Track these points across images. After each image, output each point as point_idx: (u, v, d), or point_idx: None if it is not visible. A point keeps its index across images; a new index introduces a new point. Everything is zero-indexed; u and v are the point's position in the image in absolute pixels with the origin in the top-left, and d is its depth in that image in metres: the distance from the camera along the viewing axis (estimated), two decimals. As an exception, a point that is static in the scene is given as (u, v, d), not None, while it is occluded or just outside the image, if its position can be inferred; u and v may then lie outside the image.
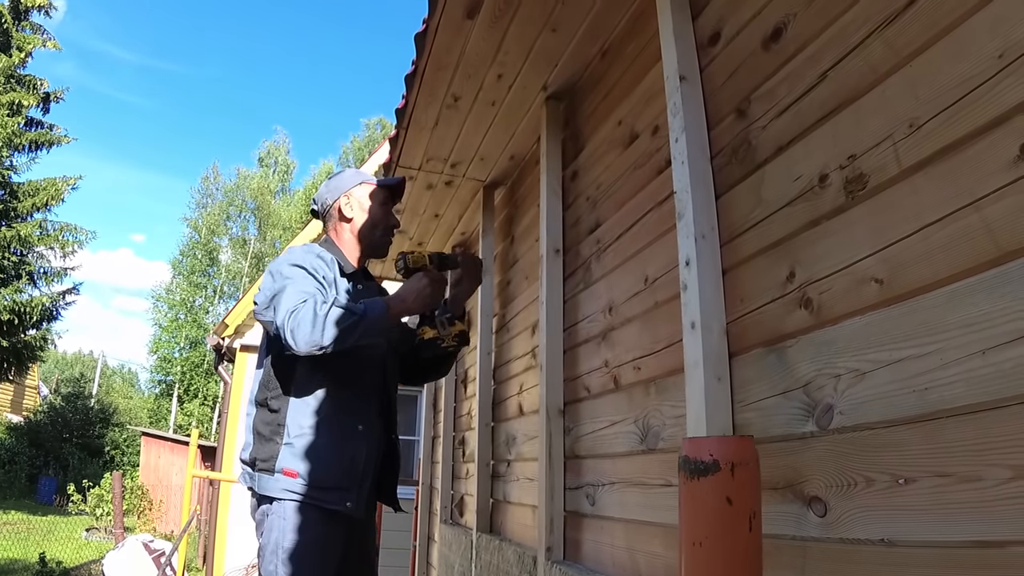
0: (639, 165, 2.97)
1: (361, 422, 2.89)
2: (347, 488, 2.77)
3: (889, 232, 1.62)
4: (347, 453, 2.80)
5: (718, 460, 0.92)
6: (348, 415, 2.86)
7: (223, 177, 46.30)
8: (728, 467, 0.92)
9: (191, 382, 41.91)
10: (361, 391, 2.94)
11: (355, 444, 2.83)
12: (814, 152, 1.91)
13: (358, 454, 2.82)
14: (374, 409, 2.99)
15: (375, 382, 3.02)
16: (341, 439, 2.80)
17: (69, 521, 17.00)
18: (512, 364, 4.59)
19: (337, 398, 2.84)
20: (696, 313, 2.15)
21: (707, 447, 0.92)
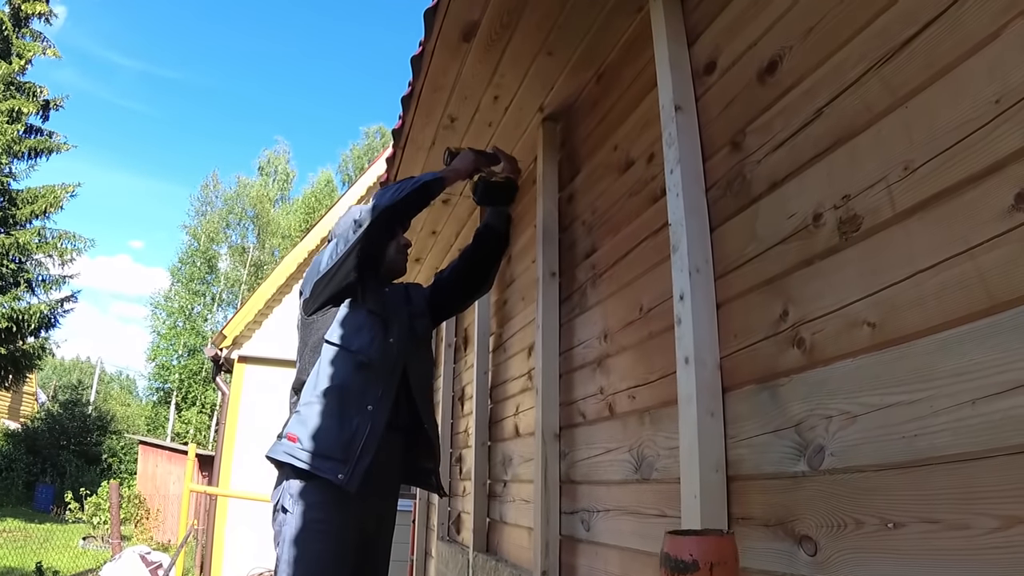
0: (634, 192, 2.97)
1: (372, 403, 2.95)
2: (342, 460, 2.82)
3: (882, 276, 1.61)
4: (348, 427, 2.87)
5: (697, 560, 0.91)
6: (359, 393, 2.95)
7: (223, 185, 46.37)
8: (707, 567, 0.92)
9: (189, 390, 41.81)
10: (378, 375, 3.03)
11: (359, 420, 2.89)
12: (809, 190, 1.91)
13: (359, 430, 2.87)
14: (390, 395, 3.04)
15: (395, 366, 3.12)
16: (345, 412, 2.89)
17: (66, 529, 16.99)
18: (509, 384, 4.58)
19: (353, 377, 2.97)
20: (690, 348, 2.15)
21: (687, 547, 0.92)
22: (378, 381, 3.02)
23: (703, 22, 2.56)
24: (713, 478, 2.06)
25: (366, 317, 3.10)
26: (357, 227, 3.12)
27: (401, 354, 3.17)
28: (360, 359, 3.00)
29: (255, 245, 44.39)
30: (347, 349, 3.00)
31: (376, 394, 2.98)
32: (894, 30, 1.66)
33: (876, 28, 1.72)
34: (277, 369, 12.36)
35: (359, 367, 2.99)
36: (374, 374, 3.02)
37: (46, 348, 21.01)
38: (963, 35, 1.47)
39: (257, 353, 12.48)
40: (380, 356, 3.06)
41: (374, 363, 3.03)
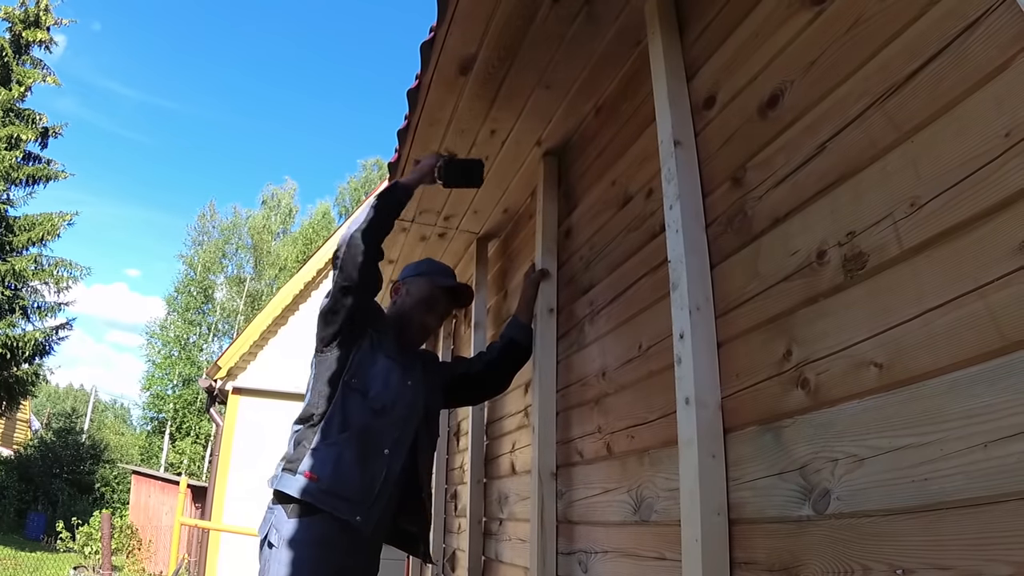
0: (633, 228, 2.93)
1: (388, 447, 2.97)
2: (361, 502, 2.82)
3: (889, 315, 1.57)
4: (369, 470, 2.88)
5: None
6: (377, 437, 2.96)
7: (220, 215, 46.41)
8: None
9: (183, 420, 41.56)
10: (394, 421, 3.02)
11: (379, 463, 2.92)
12: (812, 226, 1.87)
13: (378, 473, 2.90)
14: (404, 441, 3.06)
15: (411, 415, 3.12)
16: (366, 455, 2.89)
17: (57, 558, 16.83)
18: (505, 421, 4.52)
19: (371, 421, 2.95)
20: (690, 388, 2.10)
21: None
22: (393, 427, 3.02)
23: (702, 56, 2.54)
24: (715, 521, 2.00)
25: (384, 362, 3.08)
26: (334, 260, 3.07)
27: (416, 404, 3.16)
28: (375, 405, 2.98)
29: (252, 276, 44.34)
30: (363, 394, 2.98)
31: (392, 437, 3.00)
32: (898, 64, 1.63)
33: (879, 62, 1.70)
34: (272, 401, 12.31)
35: (376, 412, 2.97)
36: (389, 420, 3.01)
37: (40, 375, 20.92)
38: (970, 68, 1.44)
39: (252, 385, 12.42)
40: (396, 402, 3.05)
41: (389, 409, 3.01)
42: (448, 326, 6.50)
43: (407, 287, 3.39)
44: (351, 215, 13.96)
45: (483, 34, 3.08)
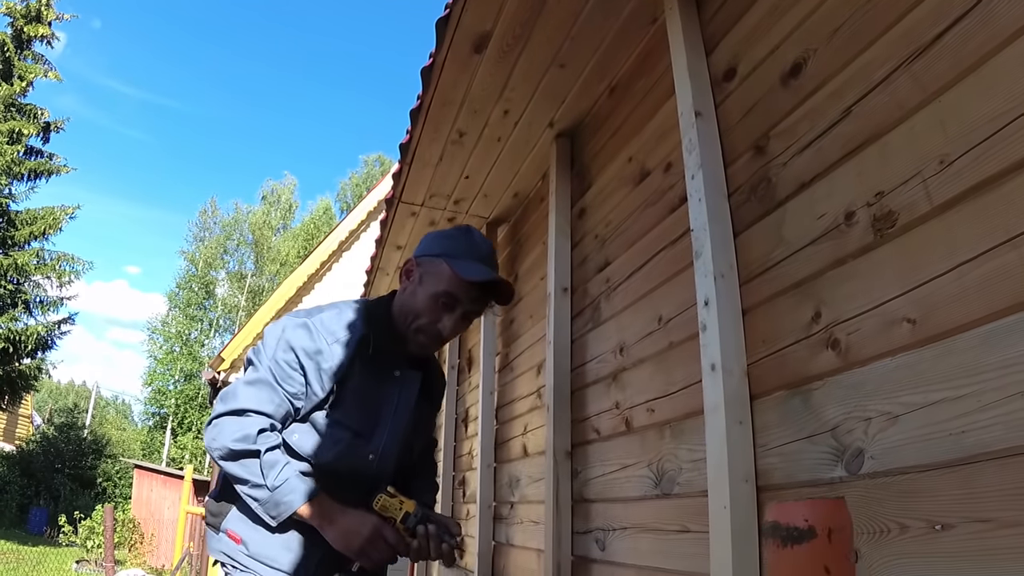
0: (651, 203, 2.92)
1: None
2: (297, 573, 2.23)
3: (921, 271, 1.57)
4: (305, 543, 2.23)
5: (814, 526, 0.83)
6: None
7: (221, 212, 46.44)
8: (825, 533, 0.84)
9: (185, 415, 41.62)
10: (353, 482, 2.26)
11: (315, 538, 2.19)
12: (839, 189, 1.86)
13: (314, 549, 2.22)
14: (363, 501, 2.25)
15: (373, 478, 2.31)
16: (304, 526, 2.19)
17: (59, 552, 16.81)
18: (516, 404, 4.51)
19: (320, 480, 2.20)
20: (716, 354, 2.09)
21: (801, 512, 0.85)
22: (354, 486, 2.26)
23: (720, 31, 2.54)
24: (743, 488, 1.99)
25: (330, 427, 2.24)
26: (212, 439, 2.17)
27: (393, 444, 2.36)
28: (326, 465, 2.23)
29: (253, 271, 44.34)
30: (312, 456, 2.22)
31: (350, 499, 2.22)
32: (923, 28, 1.63)
33: (904, 27, 1.70)
34: (275, 393, 12.29)
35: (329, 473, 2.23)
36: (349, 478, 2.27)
37: (43, 369, 20.93)
38: (996, 28, 1.44)
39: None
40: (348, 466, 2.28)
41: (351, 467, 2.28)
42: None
43: (421, 270, 2.33)
44: (351, 211, 13.92)
45: (499, 11, 3.07)
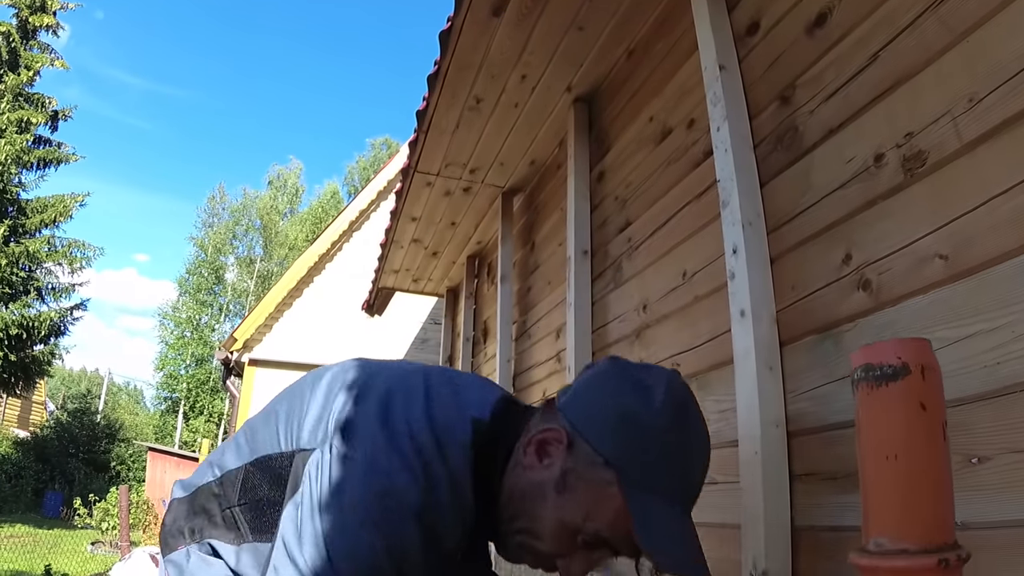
0: (673, 160, 2.93)
1: None
2: None
3: (952, 207, 1.58)
4: None
5: (907, 363, 0.84)
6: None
7: (229, 197, 46.51)
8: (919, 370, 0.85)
9: (197, 399, 41.86)
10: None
11: None
12: (867, 133, 1.87)
13: None
14: None
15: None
16: None
17: (75, 535, 16.94)
18: (534, 370, 4.53)
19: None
20: (745, 301, 2.10)
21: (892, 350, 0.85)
22: None
23: (743, -13, 2.54)
24: (773, 434, 2.01)
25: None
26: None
27: None
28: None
29: (262, 256, 44.43)
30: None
31: None
32: (950, -29, 1.64)
33: (931, -29, 1.70)
34: (288, 372, 12.35)
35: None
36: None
37: (56, 354, 21.03)
38: (1024, -33, 1.44)
39: (268, 356, 12.47)
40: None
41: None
42: (470, 285, 6.51)
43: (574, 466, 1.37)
44: (360, 191, 13.94)
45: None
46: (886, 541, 0.83)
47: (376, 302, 7.83)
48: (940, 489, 0.84)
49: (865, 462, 0.88)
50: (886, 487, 0.85)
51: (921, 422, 0.85)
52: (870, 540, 0.84)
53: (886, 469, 0.86)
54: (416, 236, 5.98)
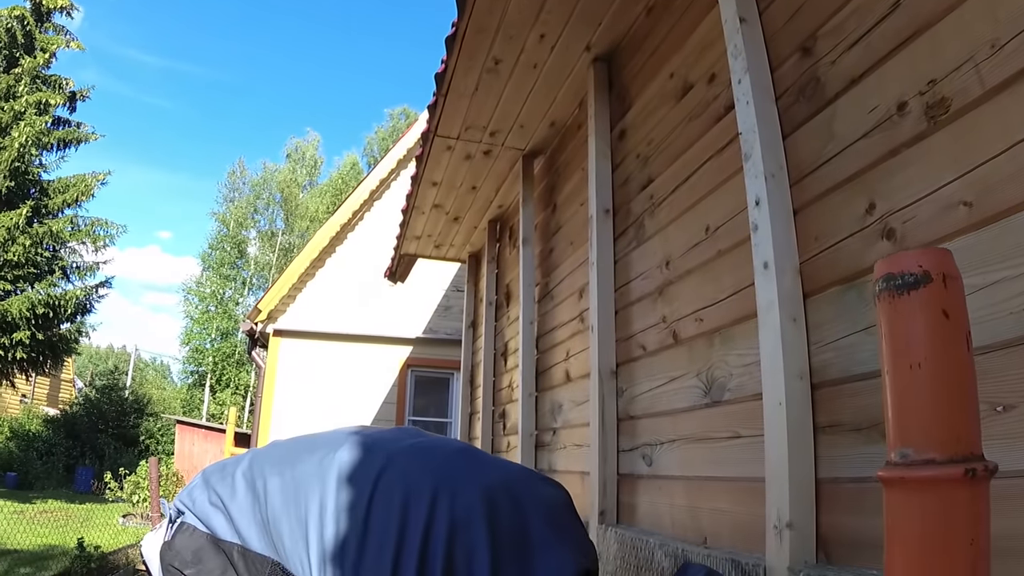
0: (695, 116, 2.91)
1: None
2: None
3: (976, 154, 1.57)
4: None
5: (929, 271, 0.84)
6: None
7: (249, 172, 46.60)
8: (940, 278, 0.85)
9: (223, 372, 42.24)
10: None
11: None
12: (890, 81, 1.86)
13: None
14: None
15: None
16: None
17: (106, 508, 17.14)
18: (557, 331, 4.55)
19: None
20: (769, 253, 2.10)
21: (914, 259, 0.85)
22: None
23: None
24: (797, 386, 2.01)
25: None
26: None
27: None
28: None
29: (283, 229, 44.56)
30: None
31: None
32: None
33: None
34: (313, 342, 12.46)
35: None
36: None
37: (82, 332, 21.17)
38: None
39: (292, 326, 12.52)
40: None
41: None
42: (492, 249, 6.52)
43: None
44: (380, 161, 13.89)
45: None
46: (911, 451, 0.83)
47: (398, 269, 7.85)
48: (966, 398, 0.84)
49: (889, 372, 0.89)
50: (910, 396, 0.86)
51: (944, 330, 0.85)
52: (895, 451, 0.85)
53: (910, 378, 0.86)
54: (437, 201, 6.00)
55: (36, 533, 11.10)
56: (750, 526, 2.26)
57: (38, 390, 31.88)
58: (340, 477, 1.75)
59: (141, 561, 2.39)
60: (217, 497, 1.87)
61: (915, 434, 0.84)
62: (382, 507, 1.65)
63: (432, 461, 1.79)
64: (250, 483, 1.85)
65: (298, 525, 1.70)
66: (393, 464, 1.74)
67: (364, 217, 13.07)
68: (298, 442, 1.99)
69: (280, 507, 1.75)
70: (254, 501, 1.80)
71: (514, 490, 1.75)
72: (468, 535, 1.58)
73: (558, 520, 1.76)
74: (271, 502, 1.77)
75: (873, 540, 1.76)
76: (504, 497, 1.70)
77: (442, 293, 12.76)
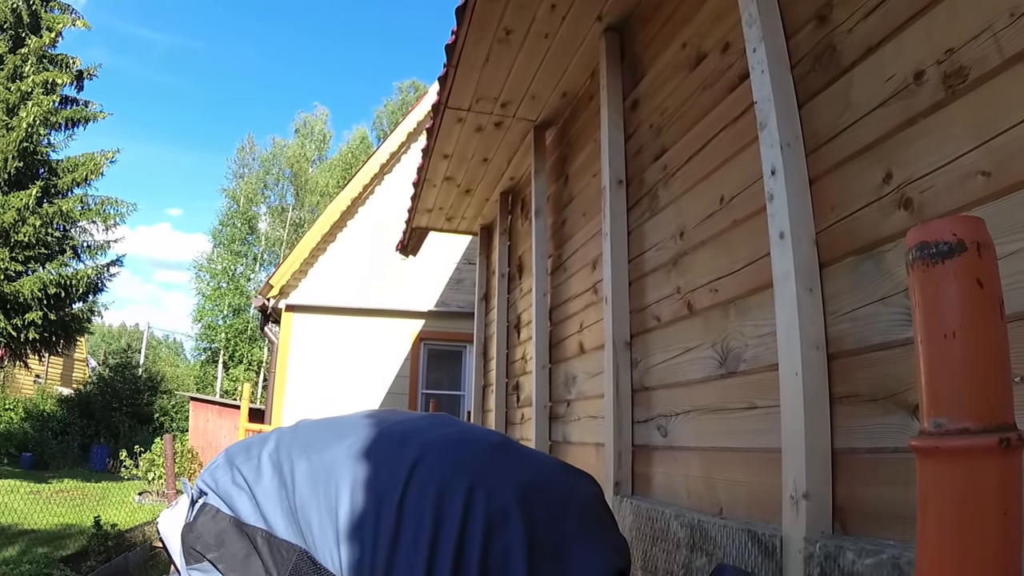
0: (708, 85, 2.89)
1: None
2: None
3: (994, 123, 1.56)
4: None
5: (963, 240, 0.84)
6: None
7: (259, 147, 46.58)
8: (975, 247, 0.85)
9: (236, 348, 42.45)
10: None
11: None
12: (907, 50, 1.84)
13: None
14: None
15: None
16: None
17: (122, 486, 17.26)
18: (571, 303, 4.55)
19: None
20: (785, 222, 2.09)
21: (948, 227, 0.85)
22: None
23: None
24: (813, 356, 2.01)
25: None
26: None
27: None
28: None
29: (294, 205, 44.59)
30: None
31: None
32: None
33: None
34: (325, 317, 12.50)
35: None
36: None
37: (95, 311, 21.26)
38: None
39: (304, 301, 12.56)
40: None
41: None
42: (504, 222, 6.51)
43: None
44: (390, 135, 13.84)
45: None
46: (946, 421, 0.83)
47: (410, 243, 7.85)
48: (999, 368, 0.84)
49: (922, 341, 0.88)
50: (944, 366, 0.86)
51: (978, 299, 0.85)
52: (929, 421, 0.85)
53: (944, 347, 0.86)
54: (448, 174, 5.99)
55: (52, 513, 11.19)
56: (766, 496, 2.26)
57: (52, 370, 32.06)
58: (372, 468, 1.74)
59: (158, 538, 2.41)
60: (242, 478, 1.86)
61: (949, 404, 0.84)
62: (415, 501, 1.64)
63: (467, 455, 1.78)
64: (277, 466, 1.83)
65: (328, 515, 1.69)
66: (427, 457, 1.73)
67: (375, 191, 13.06)
68: (326, 425, 1.98)
69: (309, 495, 1.74)
70: (281, 486, 1.79)
71: (550, 488, 1.76)
72: (504, 534, 1.58)
73: (593, 518, 1.77)
74: (299, 489, 1.76)
75: (890, 510, 1.76)
76: (540, 495, 1.70)
77: (454, 266, 12.77)
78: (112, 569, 8.22)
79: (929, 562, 0.84)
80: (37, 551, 8.64)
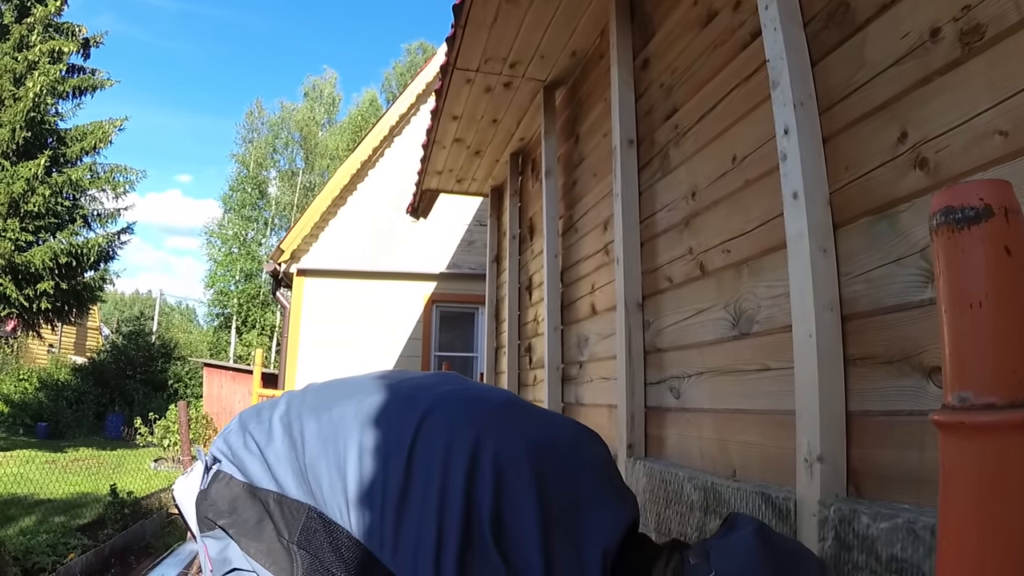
0: (720, 43, 2.85)
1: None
2: None
3: (1012, 82, 1.53)
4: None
5: (991, 205, 0.81)
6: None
7: (267, 112, 46.46)
8: (1003, 212, 0.82)
9: (248, 314, 42.65)
10: None
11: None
12: (923, 7, 1.80)
13: None
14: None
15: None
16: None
17: (137, 454, 17.38)
18: (582, 264, 4.54)
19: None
20: (798, 182, 2.07)
21: (974, 191, 0.82)
22: None
23: None
24: (827, 317, 2.00)
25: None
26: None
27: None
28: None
29: (304, 169, 44.53)
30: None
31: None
32: None
33: None
34: (336, 280, 12.54)
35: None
36: None
37: (106, 279, 21.32)
38: None
39: (315, 265, 12.59)
40: None
41: None
42: (514, 183, 6.48)
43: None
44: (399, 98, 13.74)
45: None
46: (971, 395, 0.80)
47: (421, 205, 7.83)
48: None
49: (947, 311, 0.86)
50: (970, 337, 0.83)
51: (1006, 267, 0.82)
52: (953, 395, 0.82)
53: (969, 318, 0.83)
54: (458, 135, 5.95)
55: (69, 482, 11.29)
56: (780, 459, 2.26)
57: (65, 339, 32.30)
58: (380, 423, 1.74)
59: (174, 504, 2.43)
60: (253, 442, 1.87)
61: (975, 377, 0.82)
62: (424, 454, 1.63)
63: (477, 411, 1.77)
64: (287, 428, 1.84)
65: (336, 471, 1.69)
66: (436, 411, 1.72)
67: (384, 153, 13.03)
68: (334, 386, 1.97)
69: (318, 452, 1.74)
70: (291, 447, 1.79)
71: (562, 447, 1.74)
72: (515, 487, 1.57)
73: (605, 476, 1.76)
74: (308, 448, 1.76)
75: (904, 474, 1.76)
76: (550, 450, 1.69)
77: (465, 228, 12.76)
78: (129, 537, 8.30)
79: (952, 539, 0.82)
80: (54, 520, 8.72)
